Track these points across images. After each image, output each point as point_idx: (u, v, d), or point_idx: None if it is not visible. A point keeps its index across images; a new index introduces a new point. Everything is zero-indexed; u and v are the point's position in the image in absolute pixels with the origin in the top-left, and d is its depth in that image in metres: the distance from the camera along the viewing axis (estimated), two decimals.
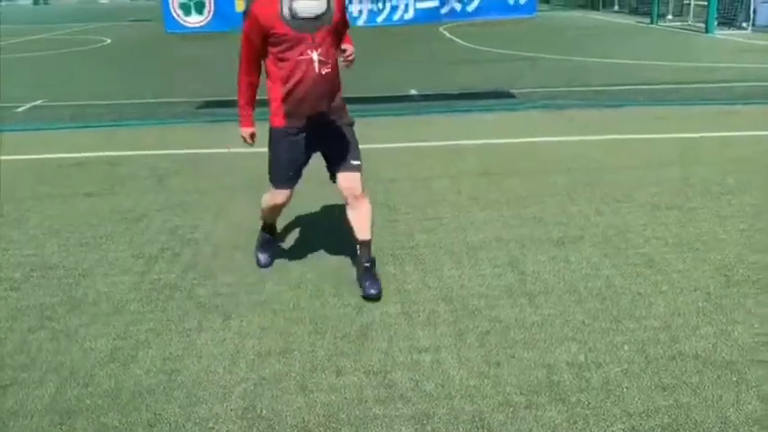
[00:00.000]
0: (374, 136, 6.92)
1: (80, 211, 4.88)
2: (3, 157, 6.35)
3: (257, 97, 3.45)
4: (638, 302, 3.36)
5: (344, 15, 3.36)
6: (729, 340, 3.00)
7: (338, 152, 3.43)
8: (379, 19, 7.75)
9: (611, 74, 10.92)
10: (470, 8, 7.80)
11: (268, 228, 3.91)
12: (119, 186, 5.44)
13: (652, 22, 21.73)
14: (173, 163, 6.11)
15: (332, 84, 3.28)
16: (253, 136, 3.48)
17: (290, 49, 3.13)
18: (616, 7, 29.66)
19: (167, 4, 7.75)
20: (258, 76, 3.33)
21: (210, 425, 2.54)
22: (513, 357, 2.91)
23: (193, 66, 12.98)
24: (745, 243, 4.03)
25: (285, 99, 3.25)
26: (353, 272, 3.75)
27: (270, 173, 3.50)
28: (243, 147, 3.63)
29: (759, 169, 5.45)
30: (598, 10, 30.10)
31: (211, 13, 7.78)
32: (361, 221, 3.49)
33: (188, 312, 3.37)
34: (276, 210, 3.71)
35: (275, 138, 3.39)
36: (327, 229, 4.41)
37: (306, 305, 3.43)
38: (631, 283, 3.57)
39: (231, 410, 2.62)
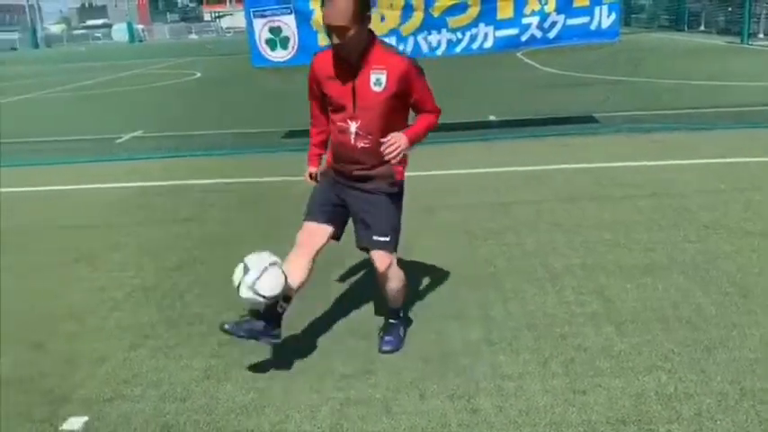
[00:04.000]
0: (453, 162, 7.00)
1: (176, 235, 5.17)
2: (106, 185, 6.81)
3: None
4: (732, 332, 3.24)
5: (410, 89, 2.98)
6: None
7: (365, 224, 3.13)
8: (458, 49, 7.83)
9: (698, 96, 10.58)
10: (551, 35, 7.77)
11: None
12: (211, 212, 5.73)
13: (742, 42, 20.91)
14: (261, 190, 6.37)
15: (370, 156, 3.02)
16: (312, 176, 3.34)
17: (334, 111, 3.04)
18: (702, 27, 28.73)
19: (254, 39, 8.13)
20: (324, 120, 3.21)
21: None
22: (600, 386, 2.87)
23: (279, 98, 13.47)
24: None
25: (332, 149, 3.19)
26: (434, 297, 3.81)
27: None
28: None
29: None
30: (683, 31, 29.23)
31: (296, 48, 8.09)
32: (388, 294, 3.30)
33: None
34: (297, 254, 3.15)
35: (322, 172, 3.32)
36: (406, 253, 4.48)
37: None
38: (723, 312, 3.45)
39: (318, 428, 2.70)
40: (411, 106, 3.10)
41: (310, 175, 3.37)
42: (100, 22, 58.77)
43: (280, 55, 8.15)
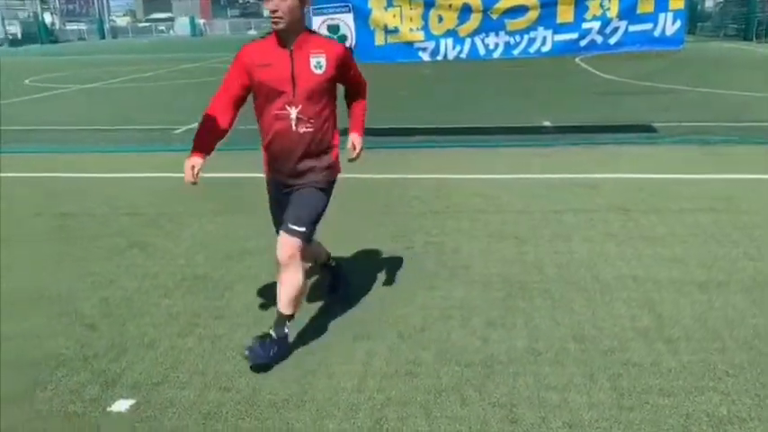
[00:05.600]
0: (505, 166, 6.92)
1: (228, 226, 5.26)
2: (163, 175, 6.98)
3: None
4: None
5: (348, 72, 3.15)
6: None
7: (288, 210, 3.13)
8: (516, 52, 7.73)
9: (762, 109, 10.18)
10: (612, 41, 7.59)
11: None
12: (264, 205, 5.78)
13: None
14: None
15: (311, 143, 3.06)
16: (195, 169, 3.10)
17: (269, 101, 3.02)
18: None
19: None
20: (226, 118, 3.15)
21: None
22: (648, 404, 2.78)
23: None
24: None
25: (266, 150, 3.17)
26: (479, 302, 3.77)
27: None
28: None
29: None
30: (750, 40, 28.16)
31: (352, 47, 8.12)
32: (282, 293, 3.13)
33: (321, 330, 3.52)
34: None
35: (266, 186, 3.36)
36: (454, 257, 4.45)
37: (431, 330, 3.48)
38: None
39: (358, 428, 2.70)
40: (348, 86, 3.29)
41: (193, 168, 3.10)
42: (164, 15, 60.33)
43: None
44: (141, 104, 13.30)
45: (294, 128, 3.02)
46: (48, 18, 49.92)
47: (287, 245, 3.07)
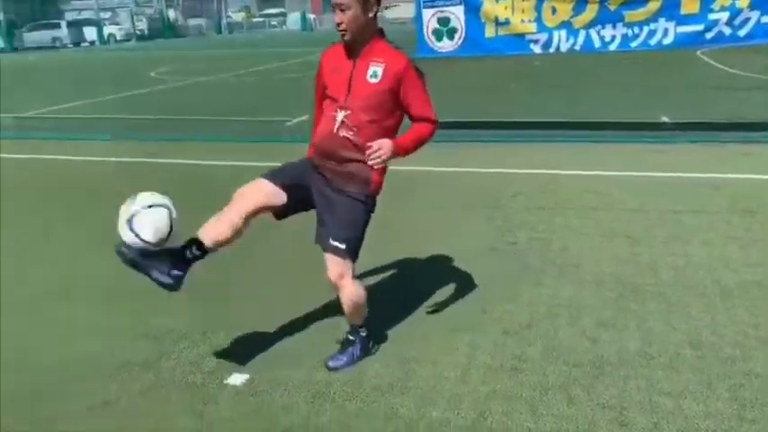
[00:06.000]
0: (619, 162, 6.67)
1: None
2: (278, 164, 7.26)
3: None
4: None
5: (404, 90, 2.91)
6: None
7: (324, 223, 3.01)
8: (634, 44, 7.41)
9: None
10: (742, 32, 7.09)
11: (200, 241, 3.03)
12: None
13: None
14: (420, 178, 6.46)
15: (350, 150, 2.93)
16: None
17: (328, 102, 3.03)
18: None
19: (422, 30, 8.24)
20: None
21: (442, 428, 2.66)
22: None
23: (441, 88, 13.56)
24: None
25: (314, 140, 3.10)
26: (590, 302, 3.67)
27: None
28: None
29: None
30: None
31: (462, 39, 8.09)
32: (346, 310, 3.09)
33: (423, 321, 3.56)
34: (230, 208, 3.02)
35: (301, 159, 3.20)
36: (561, 254, 4.36)
37: (538, 327, 3.43)
38: None
39: (461, 418, 2.72)
40: (405, 110, 2.99)
41: None
42: (276, 11, 62.35)
43: (445, 46, 8.20)
44: (255, 96, 13.87)
45: (335, 130, 2.94)
46: (171, 14, 52.93)
47: (331, 264, 2.95)
